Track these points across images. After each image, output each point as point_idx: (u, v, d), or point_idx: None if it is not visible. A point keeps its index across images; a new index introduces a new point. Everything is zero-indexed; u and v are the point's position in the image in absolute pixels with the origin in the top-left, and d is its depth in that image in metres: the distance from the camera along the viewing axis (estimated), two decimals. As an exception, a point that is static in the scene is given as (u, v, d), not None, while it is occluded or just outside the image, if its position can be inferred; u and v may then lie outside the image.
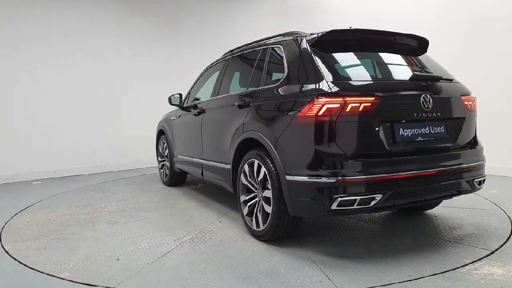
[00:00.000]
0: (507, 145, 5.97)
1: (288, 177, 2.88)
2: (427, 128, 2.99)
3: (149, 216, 4.24)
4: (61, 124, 7.11)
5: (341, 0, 8.37)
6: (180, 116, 5.31)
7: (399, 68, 3.32)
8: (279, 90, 3.19)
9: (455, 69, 6.48)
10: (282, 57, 3.34)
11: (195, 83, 5.36)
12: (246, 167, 3.42)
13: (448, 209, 4.19)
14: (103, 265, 2.93)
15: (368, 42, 3.29)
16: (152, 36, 8.20)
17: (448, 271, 2.61)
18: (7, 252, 3.20)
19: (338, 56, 3.12)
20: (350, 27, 3.25)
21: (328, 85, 2.78)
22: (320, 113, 2.70)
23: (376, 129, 2.78)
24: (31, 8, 6.82)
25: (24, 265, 2.92)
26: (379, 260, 2.85)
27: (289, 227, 3.15)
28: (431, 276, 2.53)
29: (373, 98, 2.76)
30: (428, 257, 2.87)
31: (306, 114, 2.77)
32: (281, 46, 3.41)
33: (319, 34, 3.12)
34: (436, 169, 2.93)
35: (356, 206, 2.66)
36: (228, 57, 4.52)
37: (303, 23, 8.37)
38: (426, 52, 3.57)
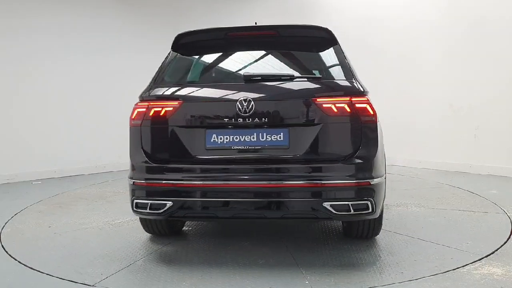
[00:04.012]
0: (508, 146, 5.97)
1: None
2: (254, 136, 2.62)
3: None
4: (61, 124, 7.10)
5: (341, 0, 8.37)
6: None
7: (242, 68, 3.01)
8: None
9: (455, 68, 6.51)
10: None
11: None
12: None
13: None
14: (35, 229, 3.79)
15: (233, 40, 3.13)
16: (153, 35, 8.18)
17: (448, 271, 2.61)
18: (6, 252, 3.20)
19: (183, 58, 3.11)
20: (255, 23, 3.18)
21: (148, 89, 2.90)
22: (133, 116, 2.82)
23: (180, 134, 2.69)
24: (30, 7, 6.81)
25: (24, 265, 2.91)
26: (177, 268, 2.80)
27: (155, 225, 3.25)
28: (431, 276, 2.53)
29: (176, 103, 2.71)
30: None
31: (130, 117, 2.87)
32: None
33: (175, 38, 3.11)
34: (253, 182, 2.59)
35: (149, 210, 2.67)
36: None
37: (303, 23, 8.36)
38: (334, 44, 2.98)
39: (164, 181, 2.68)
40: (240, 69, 3.04)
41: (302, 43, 3.12)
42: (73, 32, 7.24)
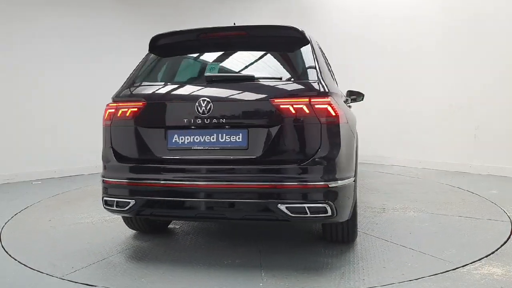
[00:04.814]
0: (508, 146, 5.97)
1: None
2: (213, 136, 2.63)
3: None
4: (61, 125, 7.11)
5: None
6: None
7: (210, 68, 3.00)
8: None
9: (454, 68, 6.50)
10: None
11: None
12: None
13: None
14: (37, 221, 4.01)
15: (205, 41, 3.13)
16: (153, 35, 8.18)
17: (448, 271, 2.61)
18: (7, 252, 3.20)
19: (156, 59, 3.16)
20: (234, 23, 3.18)
21: (120, 90, 2.99)
22: (105, 117, 2.93)
23: (144, 134, 2.75)
24: (30, 8, 6.81)
25: (24, 265, 2.91)
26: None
27: (135, 222, 3.35)
28: (431, 276, 2.53)
29: (140, 103, 2.78)
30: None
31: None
32: None
33: (150, 39, 3.16)
34: (213, 183, 2.59)
35: (115, 207, 2.79)
36: None
37: (303, 23, 8.37)
38: (305, 44, 2.91)
39: (127, 180, 2.76)
40: (207, 70, 3.02)
41: (273, 43, 3.05)
42: (73, 33, 7.24)
